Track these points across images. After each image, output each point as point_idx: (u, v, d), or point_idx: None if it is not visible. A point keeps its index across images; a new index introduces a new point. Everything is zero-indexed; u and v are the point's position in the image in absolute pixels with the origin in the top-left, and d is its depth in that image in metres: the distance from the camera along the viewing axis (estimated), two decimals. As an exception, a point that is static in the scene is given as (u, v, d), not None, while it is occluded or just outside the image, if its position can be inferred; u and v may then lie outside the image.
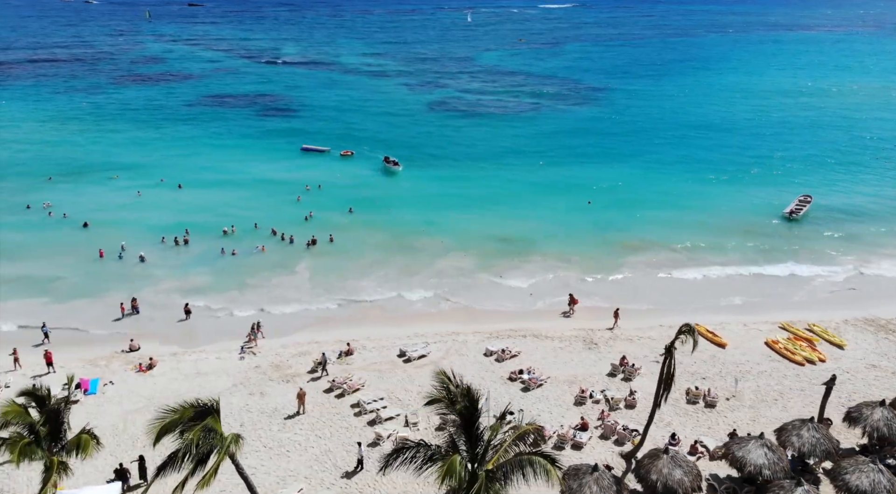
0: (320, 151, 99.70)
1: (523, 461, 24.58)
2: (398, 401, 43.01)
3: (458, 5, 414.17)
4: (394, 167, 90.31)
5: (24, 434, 28.72)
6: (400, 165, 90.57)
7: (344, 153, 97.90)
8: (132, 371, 46.59)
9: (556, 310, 55.69)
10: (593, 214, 76.88)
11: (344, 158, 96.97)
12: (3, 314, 55.33)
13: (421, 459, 25.59)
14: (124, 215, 75.44)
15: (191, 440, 24.72)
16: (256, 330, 50.95)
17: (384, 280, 61.63)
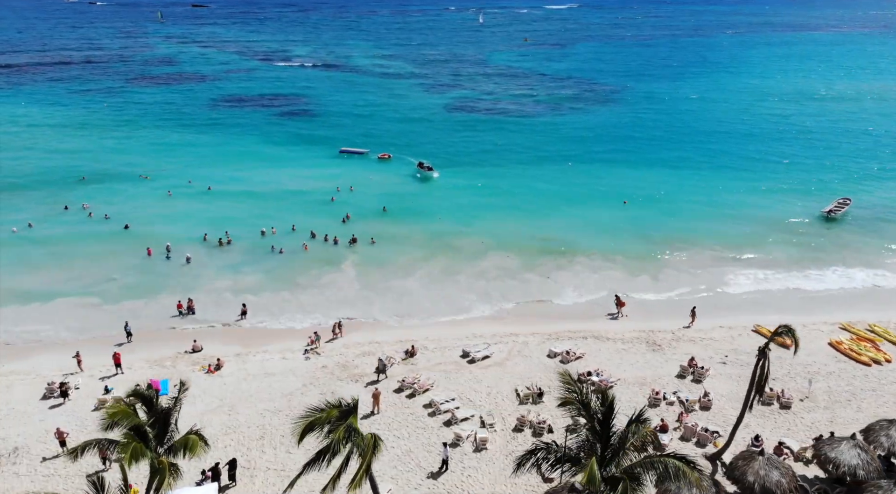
0: (359, 153, 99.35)
1: (656, 462, 24.62)
2: (469, 402, 43.04)
3: (462, 6, 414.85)
4: (428, 172, 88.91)
5: (133, 435, 28.63)
6: (435, 171, 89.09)
7: (381, 156, 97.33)
8: (201, 372, 46.55)
9: (605, 311, 55.59)
10: (630, 214, 77.22)
11: (381, 161, 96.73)
12: (59, 315, 55.28)
13: (552, 460, 25.55)
14: (161, 217, 75.51)
15: (337, 439, 24.78)
16: (339, 329, 51.19)
17: (429, 280, 61.94)
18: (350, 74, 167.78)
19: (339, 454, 25.93)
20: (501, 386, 44.40)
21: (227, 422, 40.79)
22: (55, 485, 35.37)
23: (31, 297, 57.75)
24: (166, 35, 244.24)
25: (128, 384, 43.13)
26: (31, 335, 52.12)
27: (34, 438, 39.23)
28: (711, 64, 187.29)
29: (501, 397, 43.40)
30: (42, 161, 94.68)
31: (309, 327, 53.28)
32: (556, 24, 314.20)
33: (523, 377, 45.32)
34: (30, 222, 72.26)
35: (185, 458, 29.35)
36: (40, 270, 62.78)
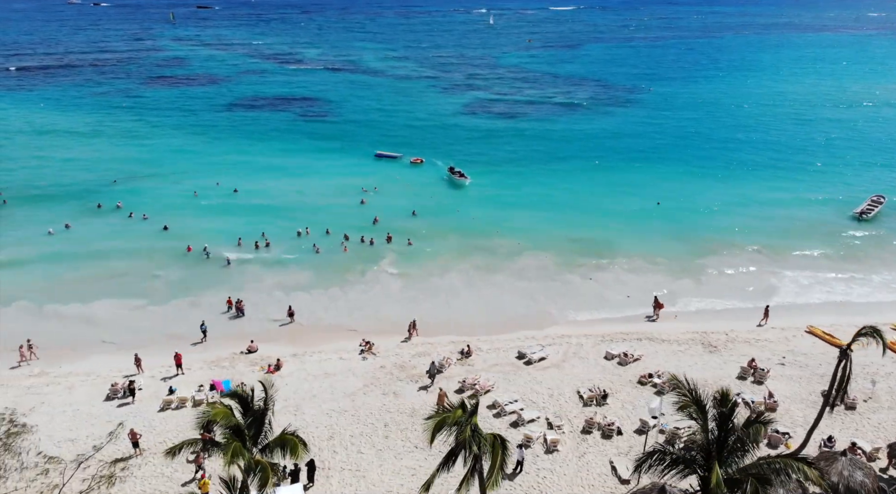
0: (393, 157, 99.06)
1: (774, 464, 24.67)
2: (533, 403, 43.16)
3: (463, 6, 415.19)
4: (460, 179, 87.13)
5: (232, 435, 28.73)
6: (468, 177, 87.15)
7: (414, 160, 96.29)
8: (260, 372, 46.58)
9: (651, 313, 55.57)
10: (664, 215, 77.24)
11: (413, 166, 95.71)
12: (106, 315, 55.54)
13: (667, 462, 25.67)
14: (193, 218, 75.62)
15: (467, 439, 24.95)
16: (412, 329, 51.52)
17: (471, 280, 62.13)
18: (363, 76, 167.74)
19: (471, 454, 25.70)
20: (562, 388, 44.47)
21: (293, 423, 40.76)
22: (132, 487, 35.36)
23: (75, 297, 57.84)
24: (174, 37, 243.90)
25: (190, 385, 43.45)
26: (80, 335, 52.03)
27: (103, 439, 39.09)
28: (724, 66, 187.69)
29: (564, 398, 43.47)
30: (68, 163, 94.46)
31: (359, 326, 53.48)
32: (563, 25, 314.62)
33: (583, 379, 45.40)
34: (67, 222, 71.77)
35: (284, 458, 29.24)
36: (81, 270, 62.84)
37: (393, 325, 54.14)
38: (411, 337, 51.67)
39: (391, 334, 52.74)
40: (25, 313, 55.38)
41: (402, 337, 51.89)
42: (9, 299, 57.58)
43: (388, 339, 51.76)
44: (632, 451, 38.53)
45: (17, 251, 66.43)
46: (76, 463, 35.01)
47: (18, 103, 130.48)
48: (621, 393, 43.81)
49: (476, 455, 25.89)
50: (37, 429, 37.90)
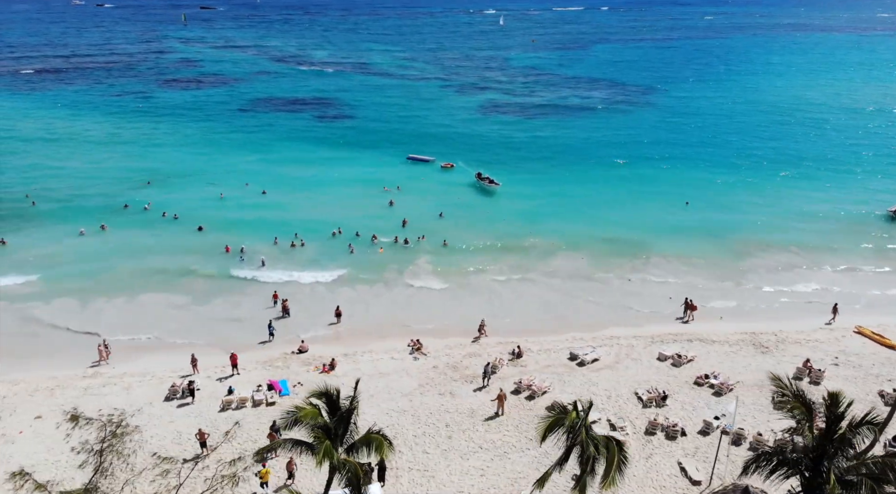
0: (425, 160, 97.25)
1: (888, 463, 24.66)
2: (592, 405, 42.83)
3: (469, 7, 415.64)
4: (490, 185, 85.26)
5: (323, 434, 28.74)
6: (498, 183, 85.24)
7: (445, 165, 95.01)
8: (314, 372, 46.60)
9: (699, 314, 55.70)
10: (694, 215, 77.63)
11: (444, 171, 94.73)
12: (151, 315, 55.65)
13: (773, 464, 25.68)
14: (224, 219, 75.58)
15: (583, 439, 24.98)
16: (483, 329, 51.51)
17: (511, 280, 62.38)
18: (375, 78, 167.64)
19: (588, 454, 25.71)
20: (619, 389, 44.49)
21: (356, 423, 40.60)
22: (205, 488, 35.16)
23: (118, 297, 58.13)
24: (182, 38, 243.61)
25: (246, 385, 43.45)
26: (127, 335, 52.05)
27: (168, 439, 39.14)
28: (737, 67, 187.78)
29: (622, 400, 43.50)
30: (92, 166, 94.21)
31: (404, 326, 53.54)
32: (570, 25, 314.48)
33: (639, 381, 45.43)
34: (103, 223, 71.62)
35: (370, 457, 29.24)
36: (120, 270, 62.84)
37: (438, 325, 54.37)
38: (481, 337, 51.37)
39: (438, 334, 52.78)
40: (69, 312, 55.35)
41: (452, 337, 51.92)
42: (49, 296, 57.42)
43: (436, 339, 51.78)
44: (698, 452, 38.61)
45: (53, 251, 66.54)
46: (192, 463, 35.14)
47: (36, 106, 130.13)
48: (679, 394, 43.85)
49: (591, 455, 25.84)
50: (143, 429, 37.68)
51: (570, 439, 26.74)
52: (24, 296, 57.92)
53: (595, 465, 26.51)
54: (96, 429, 24.42)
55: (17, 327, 53.08)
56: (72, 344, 50.68)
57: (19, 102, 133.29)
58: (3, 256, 65.27)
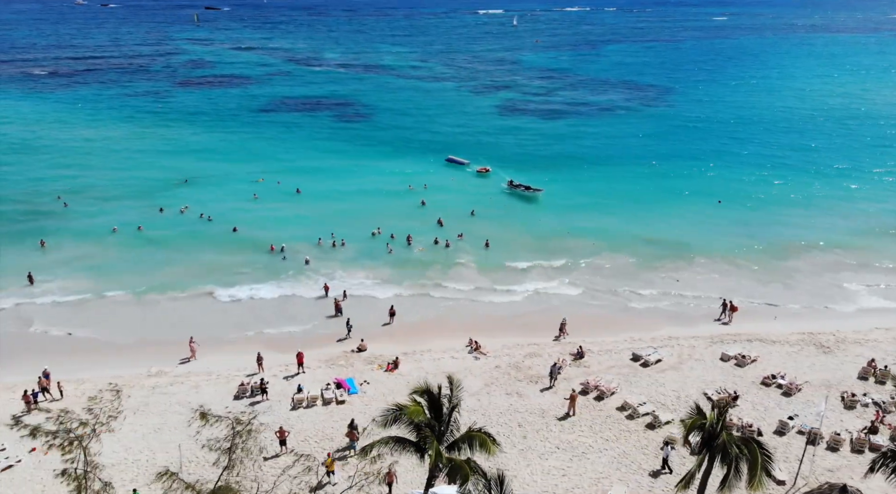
0: (461, 163, 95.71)
1: None
2: (662, 405, 43.06)
3: (474, 7, 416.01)
4: (528, 192, 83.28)
5: (431, 432, 28.54)
6: (540, 189, 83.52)
7: (480, 170, 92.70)
8: (379, 371, 46.42)
9: (755, 315, 55.94)
10: (729, 214, 77.79)
11: (480, 176, 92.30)
12: (202, 314, 55.57)
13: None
14: (261, 219, 75.55)
15: (727, 440, 24.90)
16: (564, 328, 51.60)
17: (556, 281, 62.20)
18: (390, 78, 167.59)
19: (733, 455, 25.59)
20: (688, 390, 44.41)
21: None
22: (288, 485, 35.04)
23: (165, 297, 58.15)
24: (191, 38, 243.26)
25: (313, 384, 43.26)
26: (182, 333, 51.32)
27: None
28: (750, 67, 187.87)
29: (691, 400, 43.27)
30: (117, 166, 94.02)
31: (456, 325, 53.53)
32: (582, 27, 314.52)
33: (705, 381, 45.36)
34: (140, 225, 71.49)
35: (473, 454, 29.05)
36: (164, 269, 62.67)
37: (491, 325, 54.17)
38: (562, 336, 51.37)
39: (493, 333, 52.48)
40: (121, 312, 55.54)
41: (507, 336, 51.87)
42: (100, 291, 57.56)
43: (492, 339, 51.44)
44: (776, 452, 38.35)
45: (91, 251, 66.60)
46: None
47: (55, 107, 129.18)
48: (748, 395, 43.81)
49: (736, 456, 25.75)
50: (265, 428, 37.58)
51: (707, 439, 26.47)
52: (74, 295, 57.55)
53: (739, 465, 26.30)
54: (224, 427, 24.24)
55: (71, 327, 52.84)
56: (129, 343, 50.57)
57: (37, 103, 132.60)
58: (44, 256, 64.82)
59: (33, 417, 39.89)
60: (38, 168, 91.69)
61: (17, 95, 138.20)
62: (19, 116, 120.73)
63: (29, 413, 40.54)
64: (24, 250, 65.92)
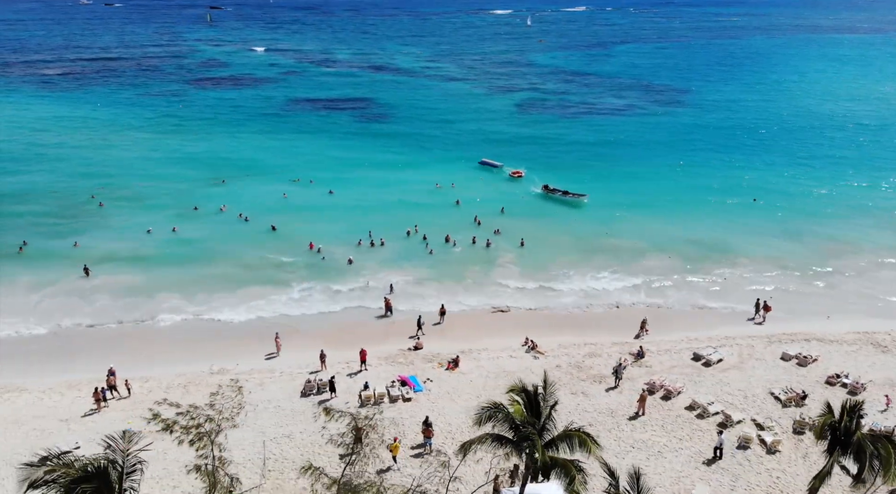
0: (494, 165, 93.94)
1: None
2: (730, 404, 42.84)
3: (468, 7, 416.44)
4: (571, 198, 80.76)
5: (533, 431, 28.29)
6: (584, 195, 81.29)
7: (513, 173, 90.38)
8: (439, 369, 46.20)
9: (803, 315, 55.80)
10: (767, 214, 77.75)
11: (512, 180, 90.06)
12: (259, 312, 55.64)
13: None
14: (296, 218, 75.15)
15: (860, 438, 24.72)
16: (644, 326, 51.71)
17: (600, 281, 61.95)
18: (404, 78, 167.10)
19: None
20: (753, 389, 44.24)
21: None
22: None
23: (213, 296, 57.77)
24: (201, 38, 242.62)
25: (377, 381, 43.12)
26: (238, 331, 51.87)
27: (318, 434, 38.65)
28: (764, 67, 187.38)
29: (759, 400, 43.26)
30: (147, 166, 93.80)
31: (507, 325, 53.64)
32: (586, 26, 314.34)
33: (770, 381, 45.21)
34: (174, 226, 71.17)
35: (573, 454, 28.78)
36: (208, 269, 62.42)
37: (544, 323, 54.20)
38: (642, 334, 51.47)
39: (546, 332, 52.29)
40: (177, 309, 55.09)
41: (562, 336, 51.74)
42: (151, 291, 57.34)
43: (546, 338, 51.29)
44: (853, 451, 38.18)
45: (133, 248, 66.47)
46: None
47: (73, 108, 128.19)
48: (814, 394, 43.59)
49: (871, 452, 25.55)
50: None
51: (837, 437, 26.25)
52: (128, 295, 57.21)
53: (872, 461, 26.08)
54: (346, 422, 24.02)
55: (131, 326, 52.65)
56: (184, 342, 50.37)
57: (55, 104, 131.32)
58: (82, 254, 64.60)
59: (102, 415, 39.65)
60: (69, 168, 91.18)
61: (34, 96, 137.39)
62: (40, 116, 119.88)
63: (98, 411, 40.11)
64: (63, 249, 66.07)
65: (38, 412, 40.13)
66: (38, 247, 65.92)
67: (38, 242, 66.90)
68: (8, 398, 41.62)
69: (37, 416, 39.75)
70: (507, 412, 29.71)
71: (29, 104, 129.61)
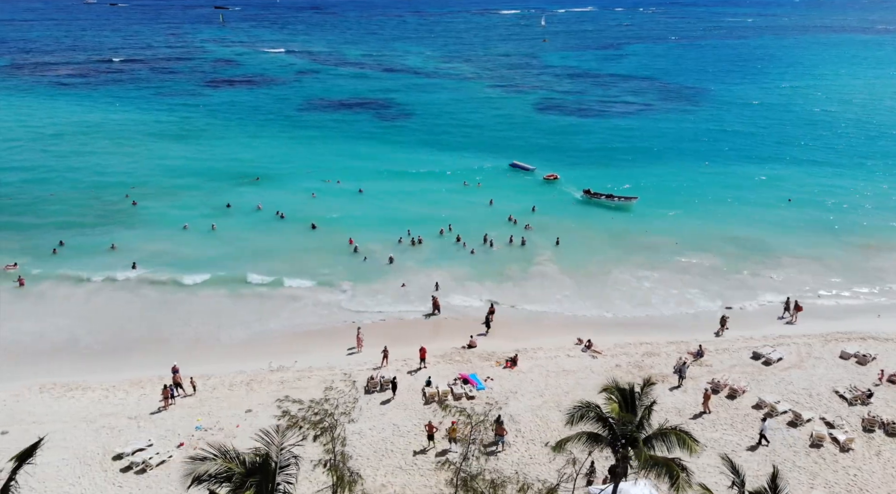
0: (526, 168, 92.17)
1: None
2: (796, 403, 42.55)
3: (469, 7, 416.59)
4: (613, 202, 79.53)
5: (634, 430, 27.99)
6: (633, 197, 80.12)
7: (548, 177, 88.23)
8: (497, 367, 45.94)
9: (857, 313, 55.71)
10: (801, 212, 77.57)
11: (547, 183, 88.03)
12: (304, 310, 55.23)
13: None
14: (331, 218, 74.89)
15: None
16: (724, 324, 51.22)
17: (640, 279, 61.55)
18: (420, 78, 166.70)
19: None
20: (817, 388, 44.00)
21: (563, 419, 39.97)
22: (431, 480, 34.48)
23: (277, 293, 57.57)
24: (211, 38, 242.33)
25: (437, 379, 42.83)
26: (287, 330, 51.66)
27: (388, 431, 38.52)
28: (777, 64, 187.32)
29: (824, 398, 43.01)
30: (175, 165, 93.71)
31: (553, 323, 53.26)
32: (594, 25, 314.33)
33: (832, 379, 44.97)
34: (213, 223, 71.04)
35: (671, 453, 28.47)
36: (247, 267, 62.04)
37: (592, 323, 53.82)
38: (722, 331, 51.51)
39: (597, 331, 51.89)
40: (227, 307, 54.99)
41: (614, 335, 51.41)
42: (197, 288, 57.45)
43: (599, 337, 50.93)
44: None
45: (170, 247, 66.25)
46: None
47: (89, 108, 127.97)
48: (878, 392, 43.33)
49: None
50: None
51: None
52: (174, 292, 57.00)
53: None
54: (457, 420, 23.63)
55: (181, 323, 52.20)
56: (239, 340, 50.36)
57: (72, 105, 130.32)
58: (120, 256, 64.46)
59: (170, 412, 39.33)
60: (94, 169, 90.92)
61: (51, 98, 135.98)
62: (59, 118, 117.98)
63: (166, 409, 39.78)
64: (100, 247, 66.07)
65: (106, 410, 39.79)
66: (74, 246, 65.81)
67: (74, 240, 66.80)
68: (73, 396, 41.26)
69: (104, 414, 39.41)
70: (600, 411, 29.34)
71: (48, 106, 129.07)
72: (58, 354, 47.27)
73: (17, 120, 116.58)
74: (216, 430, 37.85)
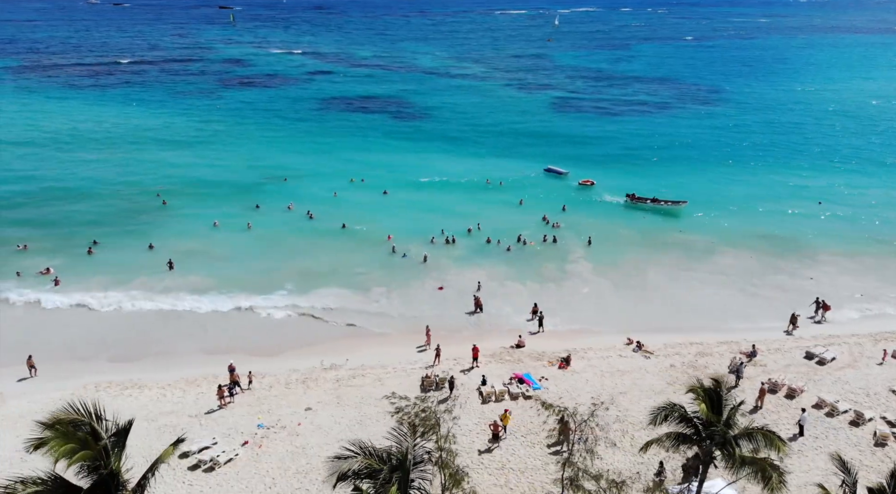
0: (560, 173, 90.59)
1: None
2: (855, 403, 42.20)
3: (469, 7, 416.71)
4: (661, 206, 77.86)
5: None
6: (683, 201, 78.15)
7: (583, 182, 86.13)
8: (551, 367, 45.54)
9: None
10: (833, 213, 77.40)
11: (582, 188, 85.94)
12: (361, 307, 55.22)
13: None
14: (359, 217, 74.45)
15: None
16: (796, 321, 51.28)
17: (678, 278, 61.17)
18: (433, 77, 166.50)
19: None
20: (875, 387, 43.69)
21: (622, 418, 39.76)
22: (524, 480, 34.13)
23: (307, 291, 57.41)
24: (219, 38, 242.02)
25: (492, 378, 42.46)
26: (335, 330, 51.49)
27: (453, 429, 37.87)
28: (792, 67, 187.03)
29: (881, 397, 42.71)
30: (203, 165, 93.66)
31: (597, 322, 52.92)
32: (602, 25, 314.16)
33: (889, 379, 44.64)
34: (249, 222, 71.05)
35: (759, 453, 28.11)
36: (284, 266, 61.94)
37: (638, 323, 53.26)
38: (792, 329, 51.20)
39: (643, 331, 51.39)
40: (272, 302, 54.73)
41: (665, 335, 50.91)
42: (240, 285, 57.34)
43: (646, 337, 50.48)
44: None
45: (205, 248, 66.06)
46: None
47: (105, 107, 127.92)
48: (940, 391, 42.97)
49: None
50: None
51: None
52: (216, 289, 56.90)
53: None
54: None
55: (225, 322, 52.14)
56: (291, 336, 50.15)
57: (90, 104, 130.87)
58: (156, 255, 64.30)
59: (230, 411, 38.96)
60: (117, 169, 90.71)
61: (67, 99, 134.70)
62: (77, 119, 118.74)
63: (224, 407, 39.40)
64: (135, 246, 66.12)
65: (165, 408, 39.43)
66: (109, 245, 65.70)
67: (108, 240, 66.54)
68: (131, 395, 40.88)
69: (164, 412, 39.04)
70: (684, 411, 29.03)
71: (65, 107, 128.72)
72: (104, 353, 46.96)
73: (30, 122, 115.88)
74: (279, 428, 37.48)
